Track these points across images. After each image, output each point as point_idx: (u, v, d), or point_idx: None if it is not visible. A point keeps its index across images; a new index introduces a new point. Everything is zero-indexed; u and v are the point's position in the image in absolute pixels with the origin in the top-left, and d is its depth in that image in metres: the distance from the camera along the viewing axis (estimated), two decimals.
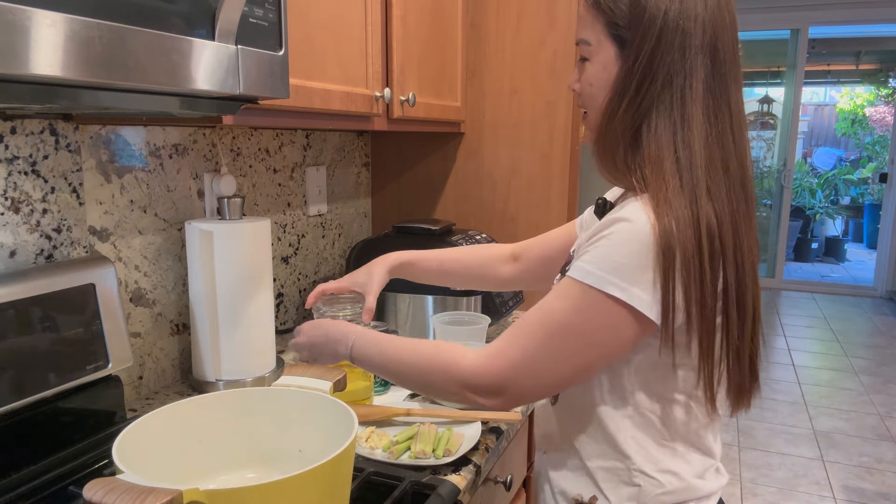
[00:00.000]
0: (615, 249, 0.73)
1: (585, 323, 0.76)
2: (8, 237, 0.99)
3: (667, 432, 0.82)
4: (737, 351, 0.78)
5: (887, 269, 6.06)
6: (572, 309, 0.76)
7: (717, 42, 0.76)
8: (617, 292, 0.73)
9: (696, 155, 0.75)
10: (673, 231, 0.71)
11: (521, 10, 1.73)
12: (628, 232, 0.73)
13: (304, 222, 1.69)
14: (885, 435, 3.32)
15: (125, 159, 1.17)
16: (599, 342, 0.76)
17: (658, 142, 0.76)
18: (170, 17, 0.71)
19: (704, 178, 0.75)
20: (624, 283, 0.73)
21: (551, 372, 0.79)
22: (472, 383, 0.82)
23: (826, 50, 7.55)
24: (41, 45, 0.59)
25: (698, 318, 0.74)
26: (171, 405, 0.82)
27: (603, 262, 0.74)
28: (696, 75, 0.76)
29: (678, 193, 0.74)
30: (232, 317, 1.20)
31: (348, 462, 0.76)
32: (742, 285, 0.76)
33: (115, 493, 0.59)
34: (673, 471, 0.83)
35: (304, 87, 1.10)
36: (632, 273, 0.72)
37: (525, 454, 1.41)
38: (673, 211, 0.72)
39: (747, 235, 0.78)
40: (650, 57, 0.76)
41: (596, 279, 0.74)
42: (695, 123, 0.76)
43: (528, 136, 1.78)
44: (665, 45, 0.75)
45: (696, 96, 0.76)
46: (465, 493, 0.95)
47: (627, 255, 0.73)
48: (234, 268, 1.20)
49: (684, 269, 0.72)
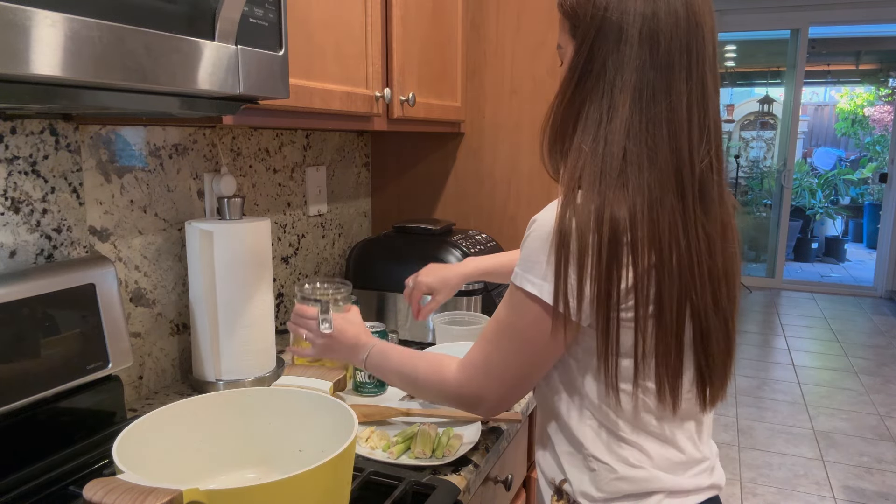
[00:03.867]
0: (528, 248, 0.80)
1: (517, 321, 0.82)
2: (8, 237, 0.99)
3: (620, 421, 0.83)
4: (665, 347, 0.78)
5: (887, 269, 6.06)
6: (508, 309, 0.83)
7: (658, 35, 0.76)
8: (529, 287, 0.79)
9: (613, 145, 0.76)
10: (570, 221, 0.75)
11: (521, 10, 1.73)
12: (538, 229, 0.79)
13: (304, 222, 1.69)
14: (885, 435, 3.32)
15: (125, 159, 1.17)
16: (531, 338, 0.81)
17: (585, 132, 0.79)
18: (170, 17, 0.71)
19: (622, 167, 0.76)
20: (535, 278, 0.78)
21: (508, 373, 0.85)
22: (458, 397, 0.89)
23: (826, 50, 7.55)
24: (41, 45, 0.59)
25: (596, 308, 0.76)
26: (171, 405, 0.82)
27: (522, 261, 0.80)
28: (629, 66, 0.77)
29: (588, 181, 0.76)
30: (232, 317, 1.20)
31: (348, 462, 0.77)
32: (660, 280, 0.76)
33: (115, 493, 0.59)
34: (627, 459, 0.83)
35: (304, 87, 1.10)
36: (539, 267, 0.78)
37: (525, 454, 1.41)
38: (577, 202, 0.76)
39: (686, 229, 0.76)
40: (589, 50, 0.79)
41: (516, 277, 0.81)
42: (619, 114, 0.77)
43: (528, 136, 1.78)
44: (601, 38, 0.78)
45: (625, 88, 0.77)
46: (465, 493, 0.95)
47: (536, 252, 0.78)
48: (234, 268, 1.20)
49: (579, 258, 0.75)
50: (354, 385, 1.26)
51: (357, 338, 1.04)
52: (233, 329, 1.21)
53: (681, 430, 0.86)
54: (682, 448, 0.86)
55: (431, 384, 0.92)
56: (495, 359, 0.85)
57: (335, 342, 1.04)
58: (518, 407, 1.22)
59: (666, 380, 0.80)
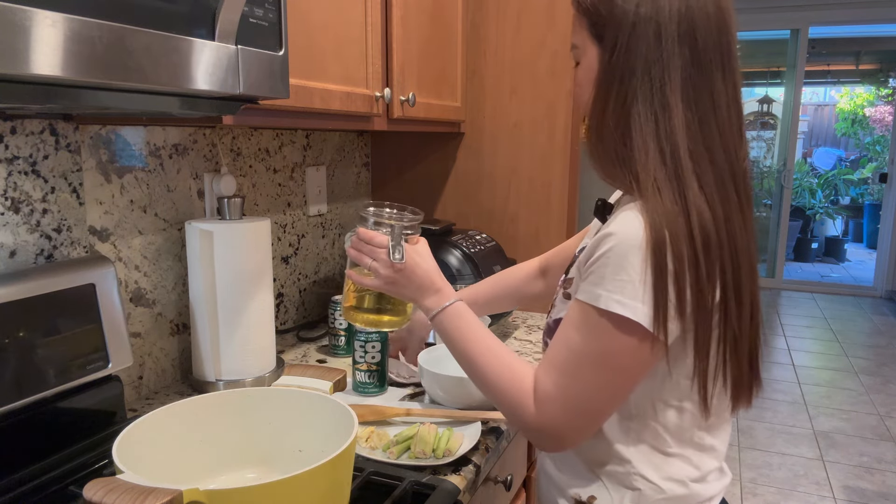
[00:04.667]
0: (613, 264, 0.72)
1: (602, 348, 0.74)
2: (8, 237, 0.99)
3: (667, 436, 0.82)
4: (734, 347, 0.77)
5: (887, 269, 6.06)
6: (590, 336, 0.75)
7: (694, 31, 0.75)
8: (619, 309, 0.72)
9: (678, 144, 0.74)
10: (662, 232, 0.70)
11: (521, 10, 1.73)
12: (623, 245, 0.72)
13: (304, 222, 1.69)
14: (885, 435, 3.32)
15: (125, 159, 1.17)
16: (623, 366, 0.75)
17: (643, 135, 0.75)
18: (170, 17, 0.71)
19: (691, 167, 0.74)
20: (626, 299, 0.72)
21: (592, 406, 0.77)
22: (534, 434, 0.81)
23: (826, 50, 7.55)
24: (41, 45, 0.59)
25: (694, 317, 0.73)
26: (171, 405, 0.82)
27: (603, 280, 0.73)
28: (673, 64, 0.75)
29: (665, 186, 0.73)
30: (232, 317, 1.20)
31: (348, 462, 0.76)
32: (738, 280, 0.75)
33: (115, 493, 0.59)
34: (674, 477, 0.82)
35: (304, 87, 1.10)
36: (630, 286, 0.71)
37: (525, 454, 1.41)
38: (661, 207, 0.72)
39: (743, 229, 0.76)
40: (627, 49, 0.76)
41: (599, 299, 0.73)
42: (675, 113, 0.75)
43: (528, 136, 1.78)
44: (640, 35, 0.76)
45: (674, 86, 0.75)
46: (465, 493, 0.95)
47: (623, 269, 0.72)
48: (234, 268, 1.20)
49: (677, 271, 0.71)
50: (354, 385, 1.26)
51: (430, 279, 0.94)
52: (233, 329, 1.21)
53: (713, 433, 0.85)
54: (716, 453, 0.86)
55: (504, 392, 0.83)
56: (574, 392, 0.77)
57: (403, 277, 0.94)
58: None
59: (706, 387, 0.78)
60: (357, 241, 0.97)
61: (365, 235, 0.96)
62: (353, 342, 1.25)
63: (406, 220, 0.98)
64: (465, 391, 1.15)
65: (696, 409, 0.81)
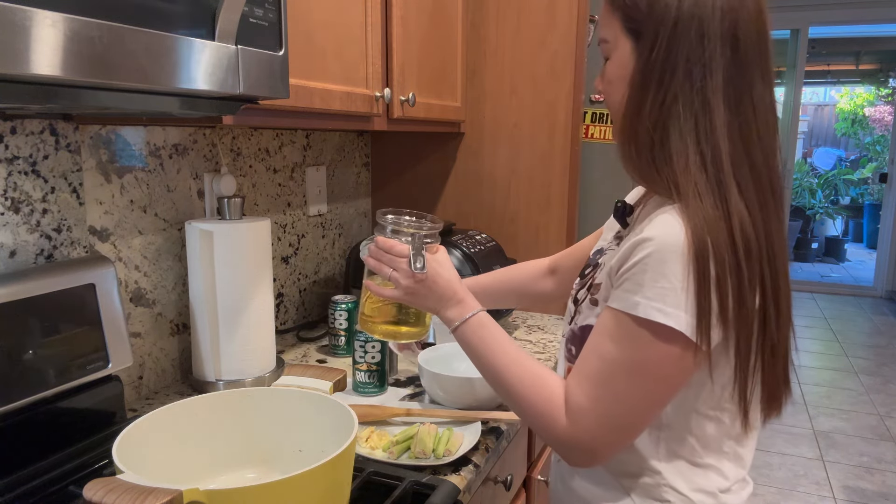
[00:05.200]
0: (653, 271, 0.70)
1: (641, 358, 0.72)
2: (8, 237, 0.99)
3: (699, 448, 0.80)
4: (772, 353, 0.76)
5: (887, 269, 6.06)
6: (626, 346, 0.72)
7: (737, 31, 0.73)
8: (660, 317, 0.69)
9: (720, 148, 0.72)
10: (705, 238, 0.69)
11: (521, 10, 1.73)
12: (663, 251, 0.70)
13: (304, 222, 1.69)
14: (885, 435, 3.32)
15: (125, 159, 1.17)
16: (663, 376, 0.73)
17: (683, 137, 0.73)
18: (170, 17, 0.71)
19: (731, 172, 0.72)
20: (668, 307, 0.69)
21: (628, 419, 0.75)
22: (565, 448, 0.78)
23: (826, 50, 7.55)
24: (41, 45, 0.59)
25: (736, 324, 0.71)
26: (171, 405, 0.82)
27: (642, 287, 0.70)
28: (716, 64, 0.73)
29: (706, 190, 0.71)
30: (232, 317, 1.20)
31: (348, 462, 0.77)
32: (776, 286, 0.74)
33: (115, 493, 0.59)
34: (705, 489, 0.81)
35: (304, 87, 1.10)
36: (672, 294, 0.69)
37: (525, 454, 1.41)
38: (702, 212, 0.70)
39: (779, 234, 0.75)
40: (667, 47, 0.73)
41: (637, 307, 0.71)
42: (716, 115, 0.73)
43: (528, 136, 1.78)
44: (681, 33, 0.73)
45: (716, 87, 0.73)
46: (465, 493, 0.95)
47: (664, 276, 0.69)
48: (234, 268, 1.20)
49: (720, 278, 0.69)
50: (354, 385, 1.26)
51: (452, 289, 0.90)
52: (233, 329, 1.21)
53: (743, 443, 0.84)
54: (745, 463, 0.85)
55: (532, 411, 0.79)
56: (608, 404, 0.74)
57: (424, 287, 0.89)
58: None
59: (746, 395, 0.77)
60: (376, 250, 0.93)
61: (384, 244, 0.92)
62: (353, 342, 1.25)
63: (426, 228, 0.95)
64: (465, 391, 1.15)
65: (729, 418, 0.80)
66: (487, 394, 1.15)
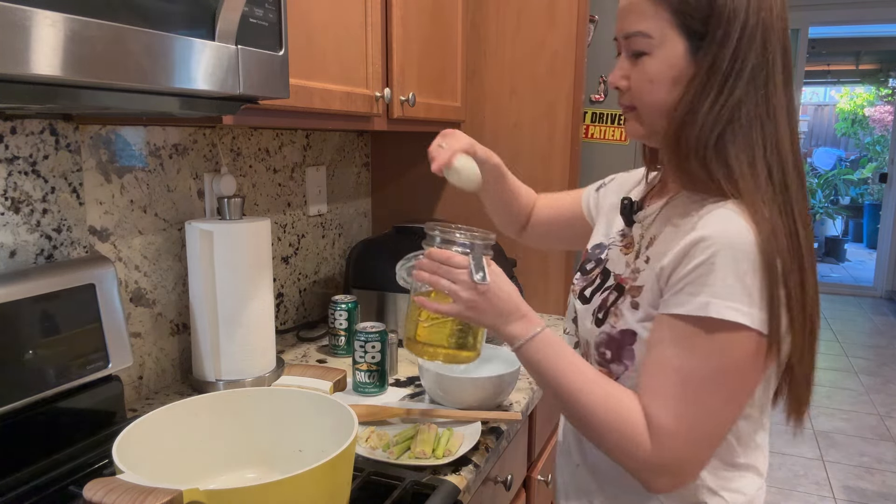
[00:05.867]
0: (722, 271, 0.69)
1: (722, 363, 0.70)
2: (8, 237, 0.99)
3: (738, 447, 0.80)
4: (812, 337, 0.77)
5: (887, 269, 6.06)
6: (703, 352, 0.71)
7: (786, 41, 0.75)
8: (737, 316, 0.68)
9: (784, 159, 0.73)
10: (773, 243, 0.69)
11: (521, 10, 1.73)
12: (729, 249, 0.69)
13: (304, 222, 1.69)
14: (885, 435, 3.32)
15: (125, 159, 1.17)
16: (744, 378, 0.72)
17: (747, 141, 0.73)
18: (170, 17, 0.71)
19: (793, 182, 0.74)
20: (742, 306, 0.69)
21: (716, 430, 0.74)
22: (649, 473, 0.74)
23: (826, 50, 7.54)
24: (41, 45, 0.59)
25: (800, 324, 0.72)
26: (171, 405, 0.82)
27: (713, 288, 0.69)
28: (776, 69, 0.74)
29: (771, 200, 0.72)
30: (232, 317, 1.20)
31: (348, 462, 0.77)
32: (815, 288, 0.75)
33: (115, 493, 0.59)
34: (740, 490, 0.80)
35: (304, 87, 1.10)
36: (744, 292, 0.68)
37: (525, 454, 1.41)
38: (769, 219, 0.70)
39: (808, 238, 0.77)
40: (735, 51, 0.72)
41: (708, 308, 0.69)
42: (780, 122, 0.74)
43: (528, 136, 1.78)
44: (748, 38, 0.72)
45: (778, 95, 0.74)
46: (465, 493, 0.95)
47: (733, 274, 0.68)
48: (234, 268, 1.20)
49: (785, 273, 0.69)
50: (354, 385, 1.26)
51: (514, 303, 0.83)
52: (233, 329, 1.21)
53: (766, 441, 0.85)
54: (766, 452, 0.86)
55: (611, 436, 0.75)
56: (696, 420, 0.71)
57: (486, 300, 0.82)
58: (518, 406, 1.22)
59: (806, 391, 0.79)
60: (429, 262, 0.85)
61: (440, 255, 0.84)
62: (353, 342, 1.25)
63: (479, 237, 0.87)
64: (465, 391, 1.15)
65: (759, 411, 0.80)
66: (487, 394, 1.15)
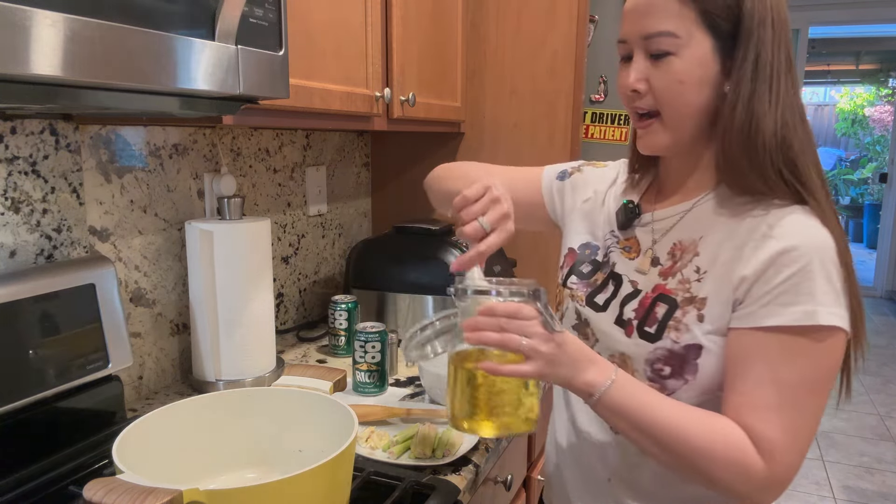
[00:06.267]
0: (821, 278, 0.70)
1: (826, 368, 0.72)
2: (8, 237, 0.99)
3: None
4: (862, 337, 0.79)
5: (887, 269, 6.06)
6: (805, 361, 0.71)
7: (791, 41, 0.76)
8: (839, 321, 0.70)
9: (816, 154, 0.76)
10: (843, 245, 0.72)
11: (521, 10, 1.73)
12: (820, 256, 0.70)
13: (304, 222, 1.69)
14: (885, 435, 3.32)
15: (125, 159, 1.17)
16: (834, 375, 0.74)
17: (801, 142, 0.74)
18: (170, 18, 0.71)
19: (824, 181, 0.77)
20: (839, 310, 0.70)
21: (815, 428, 0.74)
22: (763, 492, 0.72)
23: (826, 50, 7.54)
24: (41, 46, 0.59)
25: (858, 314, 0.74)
26: (171, 405, 0.82)
27: (816, 295, 0.69)
28: (795, 71, 0.75)
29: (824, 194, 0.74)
30: (232, 317, 1.20)
31: (348, 462, 0.77)
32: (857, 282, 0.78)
33: (115, 493, 0.59)
34: None
35: (304, 87, 1.10)
36: (838, 296, 0.70)
37: (525, 454, 1.41)
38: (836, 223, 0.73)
39: None
40: (771, 50, 0.72)
41: (816, 316, 0.69)
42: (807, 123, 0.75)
43: (528, 136, 1.78)
44: (777, 35, 0.72)
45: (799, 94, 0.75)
46: (465, 493, 0.95)
47: (828, 279, 0.70)
48: (234, 268, 1.20)
49: (851, 273, 0.72)
50: (354, 385, 1.26)
51: (581, 347, 0.74)
52: (233, 329, 1.21)
53: None
54: None
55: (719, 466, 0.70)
56: (802, 429, 0.71)
57: (563, 352, 0.71)
58: None
59: None
60: (491, 320, 0.70)
61: (506, 309, 0.70)
62: (353, 342, 1.25)
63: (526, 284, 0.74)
64: None
65: None
66: None
